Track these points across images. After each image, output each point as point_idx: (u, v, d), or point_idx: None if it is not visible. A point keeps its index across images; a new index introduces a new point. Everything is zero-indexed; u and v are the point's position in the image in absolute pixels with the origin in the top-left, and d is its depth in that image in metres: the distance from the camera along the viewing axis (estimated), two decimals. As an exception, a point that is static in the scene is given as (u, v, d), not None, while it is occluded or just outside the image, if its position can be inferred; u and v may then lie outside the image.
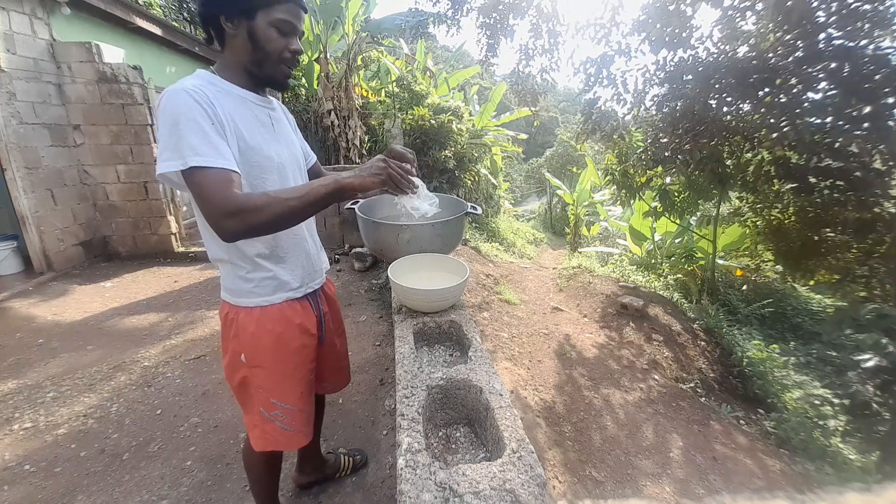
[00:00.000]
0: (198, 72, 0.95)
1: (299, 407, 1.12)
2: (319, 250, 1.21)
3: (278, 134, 1.05)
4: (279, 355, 1.06)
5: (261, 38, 0.92)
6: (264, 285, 1.03)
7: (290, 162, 1.07)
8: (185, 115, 0.82)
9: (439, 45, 16.86)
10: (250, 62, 0.96)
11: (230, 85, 0.96)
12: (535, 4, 4.63)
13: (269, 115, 1.03)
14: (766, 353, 3.60)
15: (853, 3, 3.09)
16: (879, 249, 3.50)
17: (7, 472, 1.78)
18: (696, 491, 2.15)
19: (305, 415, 1.15)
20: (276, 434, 1.10)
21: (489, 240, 6.88)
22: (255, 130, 0.96)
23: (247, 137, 0.93)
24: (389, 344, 2.81)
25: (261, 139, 0.97)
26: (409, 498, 0.66)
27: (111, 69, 4.30)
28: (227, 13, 0.91)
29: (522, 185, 19.50)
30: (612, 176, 5.22)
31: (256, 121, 0.98)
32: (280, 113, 1.11)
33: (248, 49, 0.94)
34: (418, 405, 0.90)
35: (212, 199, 0.81)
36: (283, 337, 1.06)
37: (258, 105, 1.01)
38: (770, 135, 3.34)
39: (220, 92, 0.92)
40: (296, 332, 1.08)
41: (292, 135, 1.14)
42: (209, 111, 0.85)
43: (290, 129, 1.14)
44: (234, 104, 0.94)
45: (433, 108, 6.55)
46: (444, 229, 1.51)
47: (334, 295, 1.32)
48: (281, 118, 1.10)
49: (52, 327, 3.12)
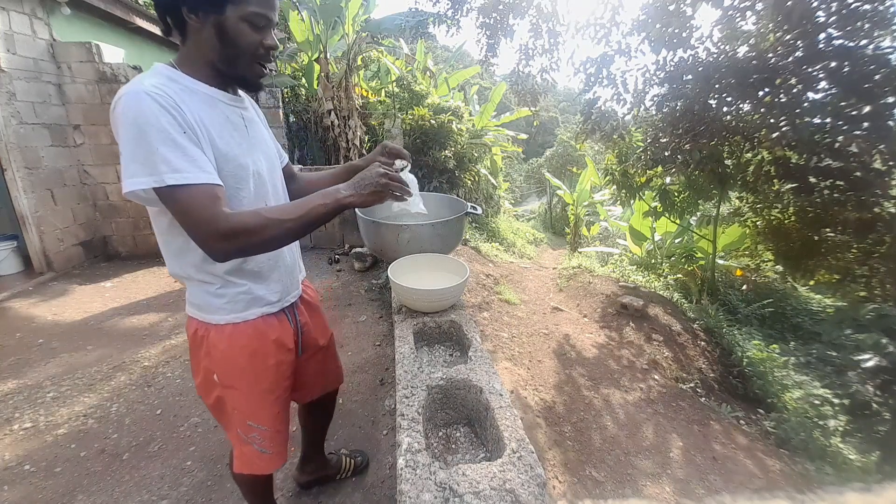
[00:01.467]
0: (155, 66, 0.83)
1: (276, 428, 1.07)
2: (296, 260, 1.12)
3: (253, 137, 0.95)
4: (253, 374, 0.98)
5: (231, 33, 0.81)
6: (237, 300, 0.94)
7: (268, 168, 0.97)
8: (150, 123, 0.72)
9: (439, 45, 16.85)
10: (219, 60, 0.84)
11: (195, 82, 0.84)
12: (535, 4, 4.62)
13: (241, 116, 0.92)
14: (766, 353, 3.59)
15: (853, 3, 3.09)
16: (879, 249, 3.50)
17: (7, 472, 1.78)
18: (696, 491, 2.15)
19: (282, 436, 1.11)
20: (253, 457, 1.06)
21: (489, 240, 6.88)
22: (227, 135, 0.86)
23: (219, 144, 0.83)
24: (389, 344, 2.81)
25: (234, 145, 0.87)
26: (409, 498, 0.66)
27: (111, 69, 4.30)
28: (189, 4, 0.79)
29: (522, 185, 19.49)
30: (612, 176, 5.22)
31: (228, 123, 0.87)
32: (252, 112, 0.99)
33: (215, 45, 0.82)
34: (418, 405, 0.90)
35: (200, 221, 0.74)
36: (258, 354, 0.98)
37: (229, 105, 0.89)
38: (770, 135, 3.34)
39: (185, 90, 0.81)
40: (271, 347, 1.00)
41: (266, 135, 1.03)
42: (178, 117, 0.75)
43: (264, 129, 1.04)
44: (201, 105, 0.82)
45: (433, 108, 6.55)
46: (444, 229, 1.51)
47: (315, 300, 1.25)
48: (254, 118, 0.99)
49: (52, 327, 3.12)
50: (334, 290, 3.86)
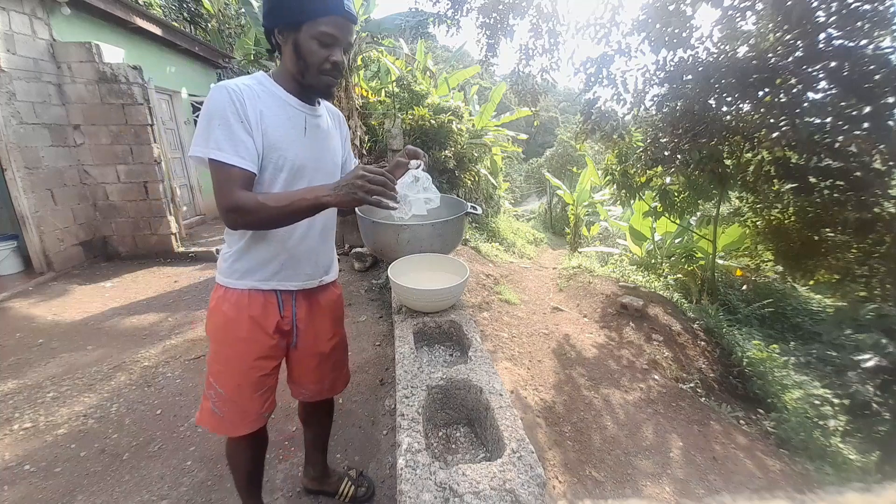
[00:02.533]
0: (256, 73, 1.06)
1: (233, 397, 1.13)
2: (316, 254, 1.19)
3: (309, 139, 1.09)
4: (223, 338, 1.11)
5: (303, 49, 0.98)
6: (235, 269, 1.09)
7: (314, 167, 1.10)
8: (218, 110, 0.94)
9: (439, 45, 16.87)
10: (295, 71, 1.02)
11: (277, 87, 1.04)
12: (535, 4, 4.62)
13: (304, 120, 1.08)
14: (766, 353, 3.60)
15: (853, 3, 3.09)
16: (879, 249, 3.50)
17: (7, 472, 1.78)
18: (696, 491, 2.15)
19: (239, 407, 1.15)
20: (206, 412, 1.16)
21: (489, 240, 6.88)
22: (281, 130, 1.02)
23: (270, 134, 1.00)
24: (389, 344, 2.81)
25: (285, 139, 1.02)
26: (409, 498, 0.66)
27: (111, 69, 4.30)
28: (278, 26, 1.00)
29: (522, 185, 19.50)
30: (612, 176, 5.22)
31: (288, 122, 1.04)
32: (324, 121, 1.15)
33: (293, 59, 1.01)
34: (418, 405, 0.90)
35: (219, 193, 0.94)
36: (231, 322, 1.09)
37: (297, 109, 1.06)
38: (770, 135, 3.34)
39: (264, 91, 1.01)
40: (245, 322, 1.09)
41: (331, 144, 1.17)
42: (240, 109, 0.95)
43: (331, 139, 1.18)
44: (272, 104, 1.01)
45: (433, 108, 6.54)
46: (444, 229, 1.51)
47: (334, 305, 1.30)
48: (322, 126, 1.14)
49: (52, 327, 3.12)
50: (334, 290, 3.86)
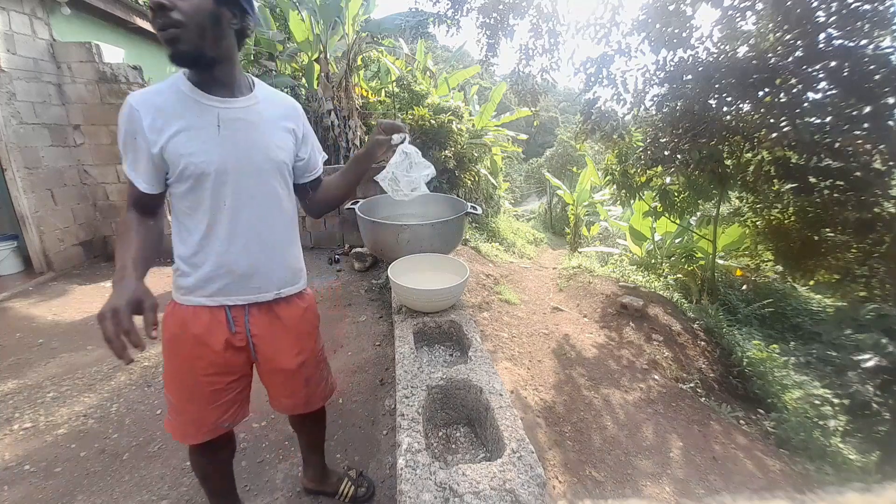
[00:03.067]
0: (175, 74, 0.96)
1: (180, 407, 1.10)
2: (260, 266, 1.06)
3: (227, 136, 0.96)
4: (169, 353, 1.08)
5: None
6: (180, 285, 1.06)
7: (237, 167, 0.97)
8: (119, 125, 0.94)
9: (439, 45, 16.87)
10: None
11: (185, 83, 0.94)
12: (535, 4, 4.62)
13: (217, 115, 0.95)
14: (766, 353, 3.60)
15: (853, 3, 3.09)
16: (879, 249, 3.50)
17: (7, 472, 1.78)
18: (696, 491, 2.15)
19: (188, 417, 1.11)
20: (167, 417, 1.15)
21: (489, 240, 6.88)
22: (187, 134, 0.93)
23: (174, 140, 0.92)
24: (389, 344, 2.81)
25: (192, 141, 0.93)
26: (409, 498, 0.66)
27: (111, 69, 4.30)
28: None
29: (522, 185, 19.50)
30: (612, 176, 5.22)
31: (197, 122, 0.94)
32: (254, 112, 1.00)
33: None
34: (418, 405, 0.90)
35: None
36: (175, 339, 1.06)
37: (206, 104, 0.95)
38: (770, 135, 3.34)
39: (171, 91, 0.94)
40: (189, 340, 1.04)
41: (264, 139, 1.01)
42: (135, 123, 0.91)
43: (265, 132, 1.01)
44: (175, 104, 0.93)
45: (433, 108, 6.54)
46: (444, 229, 1.51)
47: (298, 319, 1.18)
48: (249, 118, 0.99)
49: (52, 327, 3.12)
50: (334, 290, 3.86)
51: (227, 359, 1.08)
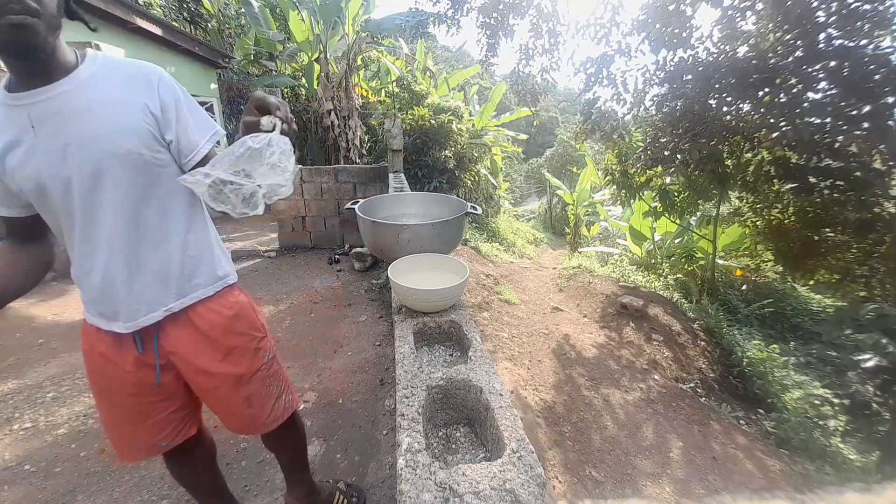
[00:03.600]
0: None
1: (108, 425, 1.02)
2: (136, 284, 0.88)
3: (46, 139, 0.76)
4: (88, 371, 0.98)
5: None
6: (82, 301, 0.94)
7: (73, 171, 0.78)
8: None
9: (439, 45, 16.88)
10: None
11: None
12: (535, 4, 4.63)
13: (28, 116, 0.75)
14: (766, 353, 3.60)
15: (853, 3, 3.09)
16: (879, 249, 3.51)
17: (7, 472, 1.78)
18: (696, 491, 2.15)
19: (118, 435, 1.02)
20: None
21: (489, 240, 6.89)
22: (8, 149, 0.76)
23: (4, 161, 0.76)
24: (389, 344, 2.81)
25: (13, 157, 0.76)
26: (409, 498, 0.66)
27: (111, 69, 4.29)
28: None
29: (522, 185, 19.51)
30: (612, 176, 5.22)
31: (10, 132, 0.76)
32: (65, 100, 0.77)
33: None
34: (418, 405, 0.90)
35: None
36: (87, 355, 0.97)
37: (13, 106, 0.75)
38: (770, 135, 3.35)
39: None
40: (97, 357, 0.95)
41: (85, 128, 0.77)
42: None
43: (87, 120, 0.78)
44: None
45: (433, 108, 6.55)
46: (444, 229, 1.51)
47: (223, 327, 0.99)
48: (59, 110, 0.76)
49: (52, 327, 3.12)
50: (334, 290, 3.86)
51: (141, 378, 0.94)
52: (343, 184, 5.00)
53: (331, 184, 5.00)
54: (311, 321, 3.22)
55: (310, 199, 5.05)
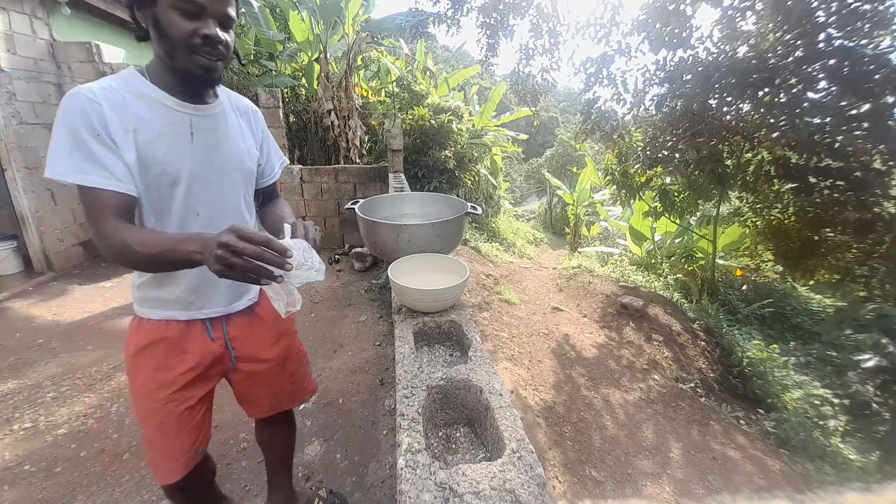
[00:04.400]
0: (124, 70, 0.88)
1: (154, 436, 1.00)
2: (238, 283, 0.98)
3: (200, 144, 0.92)
4: (138, 371, 0.98)
5: (163, 24, 0.81)
6: (148, 297, 0.97)
7: (210, 177, 0.94)
8: (69, 123, 0.77)
9: (439, 45, 16.87)
10: (163, 54, 0.85)
11: (149, 86, 0.87)
12: (535, 4, 4.63)
13: (190, 123, 0.90)
14: (766, 353, 3.60)
15: (853, 3, 3.09)
16: (879, 249, 3.50)
17: (7, 472, 1.78)
18: (696, 491, 2.15)
19: (165, 450, 1.01)
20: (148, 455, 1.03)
21: (489, 240, 6.89)
22: (160, 141, 0.86)
23: (144, 147, 0.84)
24: (389, 344, 2.81)
25: (166, 151, 0.86)
26: (409, 498, 0.66)
27: (111, 69, 4.29)
28: (136, 4, 0.82)
29: (522, 185, 19.52)
30: (612, 176, 5.23)
31: (168, 128, 0.87)
32: (224, 120, 0.97)
33: (157, 39, 0.84)
34: (418, 405, 0.90)
35: (91, 223, 0.80)
36: (143, 352, 0.97)
37: (177, 110, 0.89)
38: (770, 135, 3.35)
39: (132, 93, 0.84)
40: (161, 349, 0.96)
41: (235, 146, 0.99)
42: (96, 121, 0.78)
43: (235, 140, 0.99)
44: (144, 109, 0.85)
45: (433, 108, 6.55)
46: (444, 229, 1.50)
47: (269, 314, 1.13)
48: (219, 127, 0.96)
49: (52, 327, 3.12)
50: (334, 290, 3.86)
51: (204, 368, 1.01)
52: (343, 184, 5.00)
53: (331, 184, 5.00)
54: (311, 321, 3.22)
55: (310, 199, 5.05)
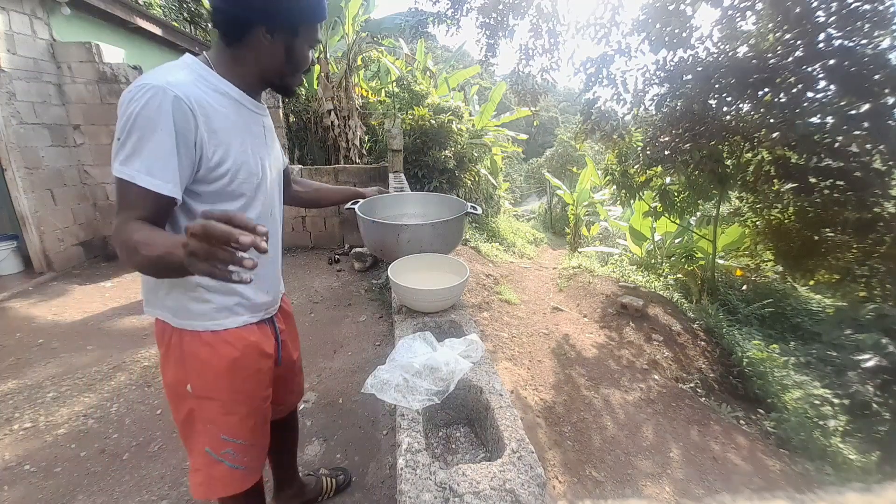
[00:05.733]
0: (186, 60, 0.84)
1: (252, 441, 1.01)
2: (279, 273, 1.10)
3: (268, 146, 0.97)
4: (232, 383, 0.94)
5: (297, 54, 0.88)
6: (223, 307, 0.92)
7: (275, 175, 1.01)
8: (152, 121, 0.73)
9: (439, 45, 16.87)
10: (274, 73, 0.90)
11: (225, 83, 0.85)
12: (535, 4, 4.63)
13: (262, 125, 0.96)
14: (766, 353, 3.60)
15: (853, 3, 3.10)
16: (879, 249, 3.50)
17: (7, 472, 1.78)
18: (696, 491, 2.15)
19: (258, 449, 1.05)
20: (223, 476, 0.98)
21: (489, 240, 6.88)
22: (246, 142, 0.88)
23: (234, 151, 0.84)
24: (389, 344, 2.81)
25: (250, 153, 0.89)
26: (409, 498, 0.66)
27: (111, 69, 4.30)
28: (268, 26, 0.83)
29: (522, 185, 19.51)
30: (612, 176, 5.22)
31: (248, 130, 0.90)
32: (269, 119, 1.03)
33: (279, 61, 0.88)
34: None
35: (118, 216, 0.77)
36: (239, 362, 0.94)
37: (253, 111, 0.92)
38: (770, 135, 3.35)
39: (214, 92, 0.82)
40: (253, 354, 0.98)
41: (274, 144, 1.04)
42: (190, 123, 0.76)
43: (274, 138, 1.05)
44: (228, 109, 0.84)
45: (433, 108, 6.54)
46: (444, 229, 1.50)
47: (291, 310, 1.25)
48: (271, 126, 1.03)
49: (52, 327, 3.12)
50: (334, 290, 3.86)
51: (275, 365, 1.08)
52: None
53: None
54: (311, 321, 3.22)
55: (310, 199, 5.05)
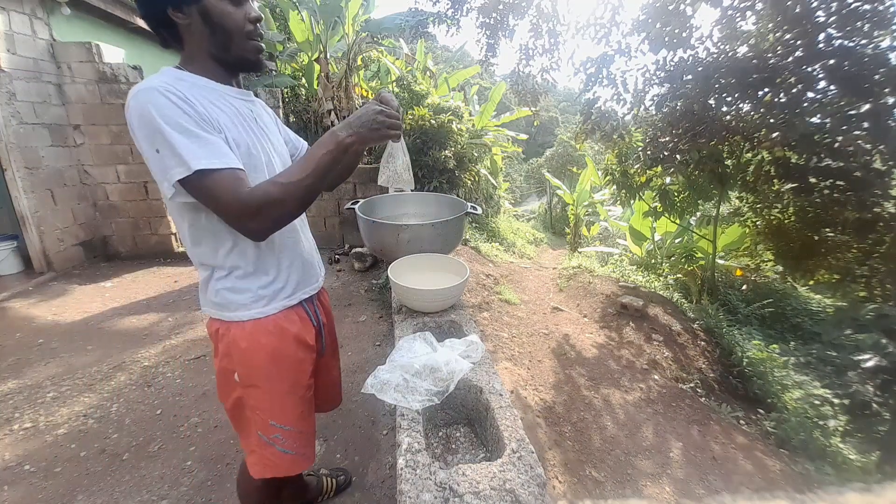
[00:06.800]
0: (162, 70, 0.86)
1: (299, 428, 1.03)
2: (314, 251, 1.13)
3: (261, 129, 0.96)
4: (275, 372, 0.97)
5: (216, 16, 0.83)
6: (259, 295, 0.95)
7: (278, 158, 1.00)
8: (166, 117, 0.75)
9: (439, 45, 16.87)
10: (215, 48, 0.87)
11: (202, 79, 0.86)
12: (535, 4, 4.63)
13: (251, 110, 0.95)
14: (766, 353, 3.59)
15: (853, 3, 3.09)
16: (879, 249, 3.50)
17: (7, 472, 1.78)
18: (696, 491, 2.15)
19: (306, 436, 1.07)
20: (275, 459, 1.01)
21: (489, 240, 6.88)
22: (238, 126, 0.88)
23: (230, 133, 0.85)
24: (389, 344, 2.81)
25: (245, 135, 0.89)
26: (409, 498, 0.66)
27: (111, 69, 4.30)
28: (173, 4, 0.82)
29: (522, 185, 19.49)
30: (612, 176, 5.22)
31: (239, 115, 0.90)
32: (260, 107, 1.02)
33: (207, 34, 0.85)
34: (418, 405, 0.90)
35: (229, 204, 0.78)
36: (279, 351, 0.97)
37: (238, 98, 0.92)
38: (770, 135, 3.34)
39: (193, 87, 0.83)
40: (291, 344, 0.99)
41: (276, 129, 1.06)
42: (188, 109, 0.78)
43: (273, 124, 1.05)
44: (212, 97, 0.85)
45: (433, 108, 6.54)
46: (444, 229, 1.50)
47: (330, 308, 1.23)
48: (262, 113, 1.01)
49: (51, 327, 3.12)
50: (334, 290, 3.86)
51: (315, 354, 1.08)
52: (343, 183, 5.00)
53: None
54: (311, 321, 3.22)
55: (310, 199, 5.04)
